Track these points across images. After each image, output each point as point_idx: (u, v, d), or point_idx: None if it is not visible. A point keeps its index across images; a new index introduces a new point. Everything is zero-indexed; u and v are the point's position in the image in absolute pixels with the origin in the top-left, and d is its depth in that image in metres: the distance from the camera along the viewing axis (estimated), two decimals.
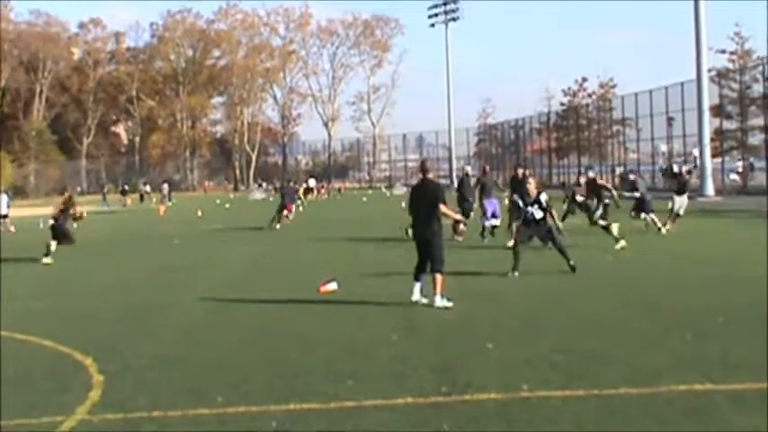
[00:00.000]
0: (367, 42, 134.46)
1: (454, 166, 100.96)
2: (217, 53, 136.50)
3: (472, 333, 11.60)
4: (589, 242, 22.81)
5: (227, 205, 61.61)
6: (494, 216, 26.19)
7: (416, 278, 14.30)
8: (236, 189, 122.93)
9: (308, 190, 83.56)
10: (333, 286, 15.85)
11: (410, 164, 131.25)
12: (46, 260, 23.24)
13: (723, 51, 64.47)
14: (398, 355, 10.31)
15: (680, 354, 9.92)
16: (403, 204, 15.59)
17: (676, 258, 20.38)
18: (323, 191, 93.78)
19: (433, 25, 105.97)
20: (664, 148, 74.37)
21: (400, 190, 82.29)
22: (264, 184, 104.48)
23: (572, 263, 17.42)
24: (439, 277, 14.02)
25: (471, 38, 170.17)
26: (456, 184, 32.02)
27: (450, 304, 13.75)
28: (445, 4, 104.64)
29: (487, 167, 33.18)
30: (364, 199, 72.22)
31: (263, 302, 15.18)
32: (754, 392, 8.18)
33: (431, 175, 14.93)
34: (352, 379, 9.17)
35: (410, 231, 15.66)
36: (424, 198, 14.37)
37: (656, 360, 9.60)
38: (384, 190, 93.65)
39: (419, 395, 8.45)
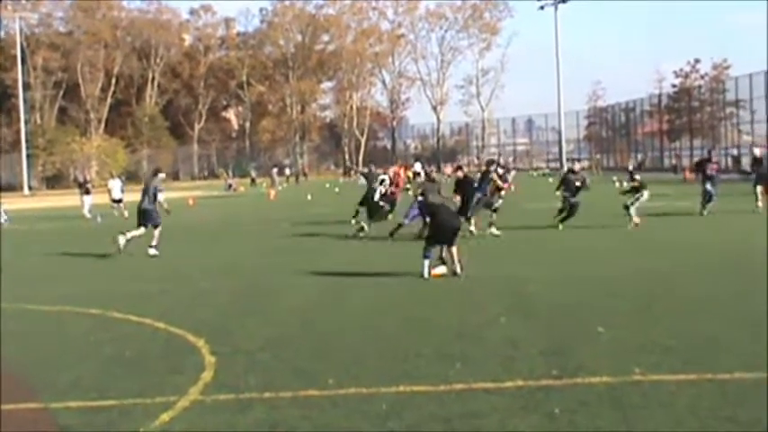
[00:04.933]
0: (476, 25, 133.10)
1: (564, 150, 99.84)
2: (326, 38, 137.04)
3: (583, 317, 11.49)
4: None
5: (337, 189, 61.89)
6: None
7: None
8: (345, 173, 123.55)
9: (416, 174, 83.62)
10: (442, 269, 15.87)
11: (519, 147, 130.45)
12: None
13: None
14: (508, 338, 10.27)
15: None
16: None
17: None
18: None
19: (542, 7, 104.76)
20: None
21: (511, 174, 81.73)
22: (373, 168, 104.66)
23: None
24: None
25: (581, 19, 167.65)
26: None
27: None
28: None
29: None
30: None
31: (372, 285, 15.25)
32: None
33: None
34: (462, 362, 9.16)
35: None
36: None
37: None
38: None
39: (529, 378, 8.41)
